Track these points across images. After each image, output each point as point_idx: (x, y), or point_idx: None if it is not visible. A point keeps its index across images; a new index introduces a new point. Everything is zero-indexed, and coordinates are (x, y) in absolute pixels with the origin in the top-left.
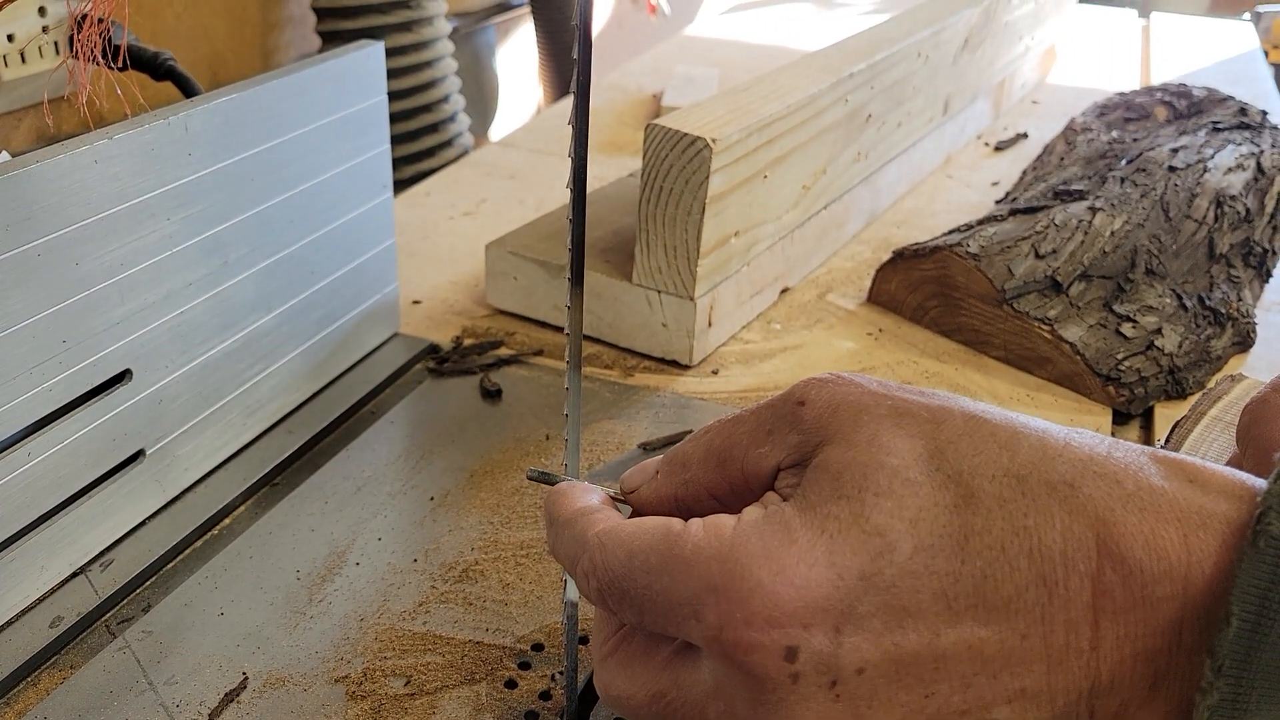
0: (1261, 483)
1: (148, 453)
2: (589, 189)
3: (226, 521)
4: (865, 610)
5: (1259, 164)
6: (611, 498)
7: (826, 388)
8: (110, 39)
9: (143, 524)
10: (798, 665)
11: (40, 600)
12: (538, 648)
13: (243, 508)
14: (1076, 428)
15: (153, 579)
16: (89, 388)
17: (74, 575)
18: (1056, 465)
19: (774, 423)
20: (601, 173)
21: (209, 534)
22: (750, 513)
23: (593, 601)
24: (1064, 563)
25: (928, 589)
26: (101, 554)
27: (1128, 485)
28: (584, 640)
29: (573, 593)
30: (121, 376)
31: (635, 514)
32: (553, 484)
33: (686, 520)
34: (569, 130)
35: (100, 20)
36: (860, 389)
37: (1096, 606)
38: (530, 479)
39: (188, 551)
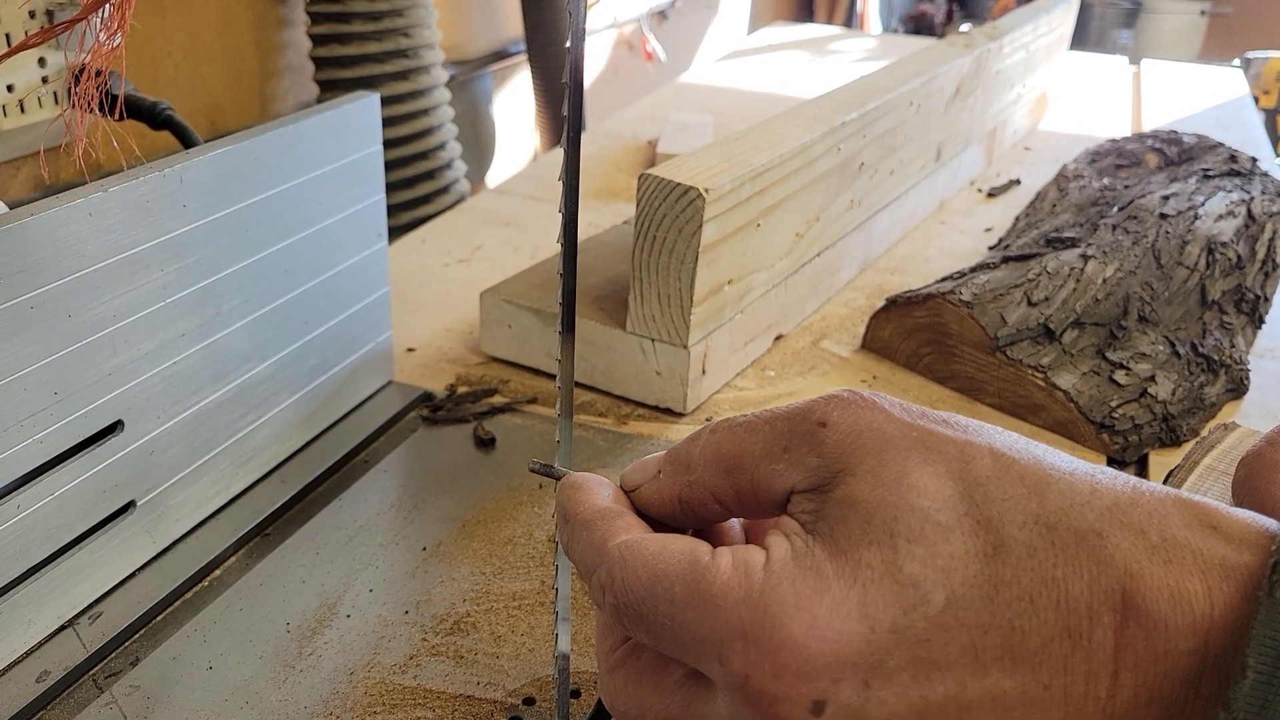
0: (1278, 527)
1: (138, 504)
2: (583, 236)
3: (217, 573)
4: (895, 664)
5: (1249, 211)
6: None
7: (850, 410)
8: (108, 90)
9: (132, 576)
10: (824, 718)
11: (27, 654)
12: (529, 701)
13: (233, 558)
14: (1099, 468)
15: (141, 632)
16: (80, 439)
17: (62, 628)
18: (1085, 513)
19: (791, 439)
20: (596, 219)
21: (199, 585)
22: (778, 549)
23: (603, 612)
24: (1089, 615)
25: (957, 641)
26: (90, 606)
27: (1152, 535)
28: (575, 694)
29: (564, 646)
30: (113, 427)
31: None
32: (557, 478)
33: (690, 524)
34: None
35: (98, 73)
36: (884, 415)
37: (1118, 659)
38: (532, 471)
39: (177, 603)
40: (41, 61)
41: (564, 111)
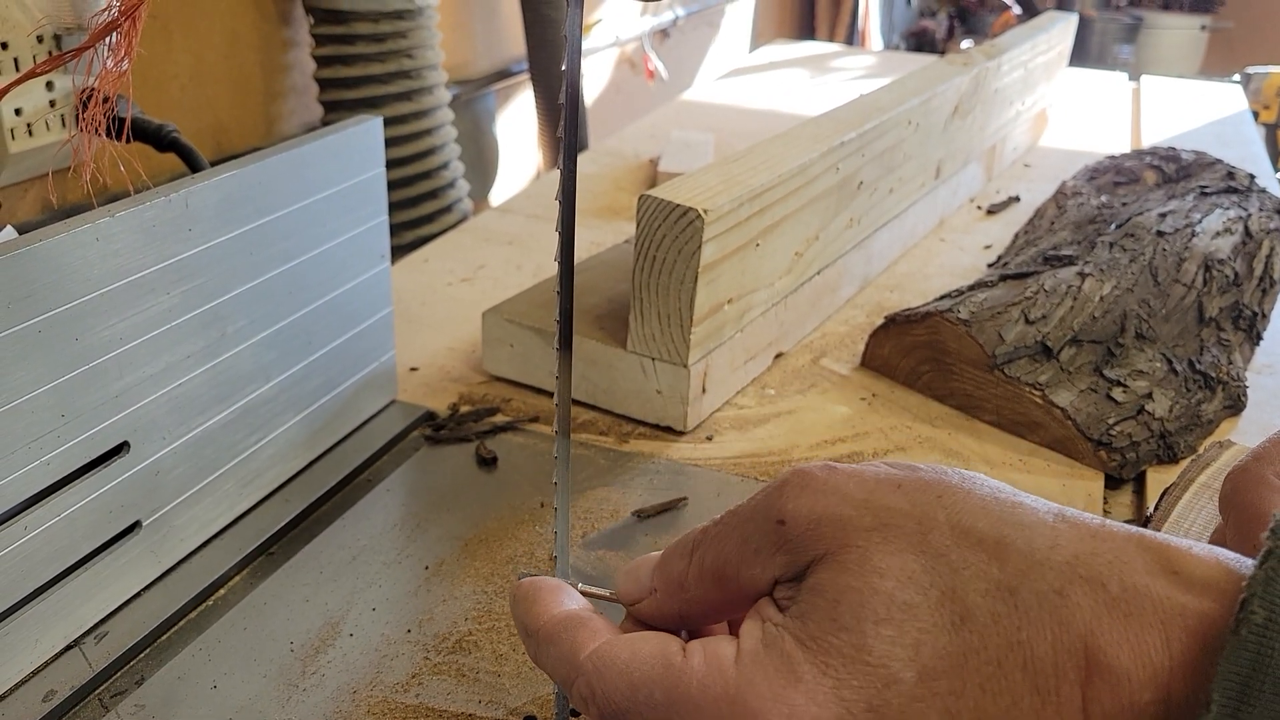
0: (1246, 564)
1: (144, 524)
2: (584, 255)
3: (221, 592)
4: None
5: (1246, 227)
6: (582, 592)
7: (804, 498)
8: (115, 114)
9: (138, 595)
10: None
11: (34, 674)
12: None
13: (238, 578)
14: (1064, 510)
15: (147, 651)
16: (87, 460)
17: (68, 648)
18: (1045, 573)
19: (759, 540)
20: (598, 238)
21: (204, 605)
22: (749, 637)
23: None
24: (1056, 673)
25: (933, 710)
26: (96, 626)
27: (1113, 587)
28: (575, 713)
29: None
30: (119, 449)
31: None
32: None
33: (690, 629)
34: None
35: (106, 99)
36: (839, 497)
37: (1087, 711)
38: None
39: (182, 623)
40: (49, 85)
41: (561, 116)
